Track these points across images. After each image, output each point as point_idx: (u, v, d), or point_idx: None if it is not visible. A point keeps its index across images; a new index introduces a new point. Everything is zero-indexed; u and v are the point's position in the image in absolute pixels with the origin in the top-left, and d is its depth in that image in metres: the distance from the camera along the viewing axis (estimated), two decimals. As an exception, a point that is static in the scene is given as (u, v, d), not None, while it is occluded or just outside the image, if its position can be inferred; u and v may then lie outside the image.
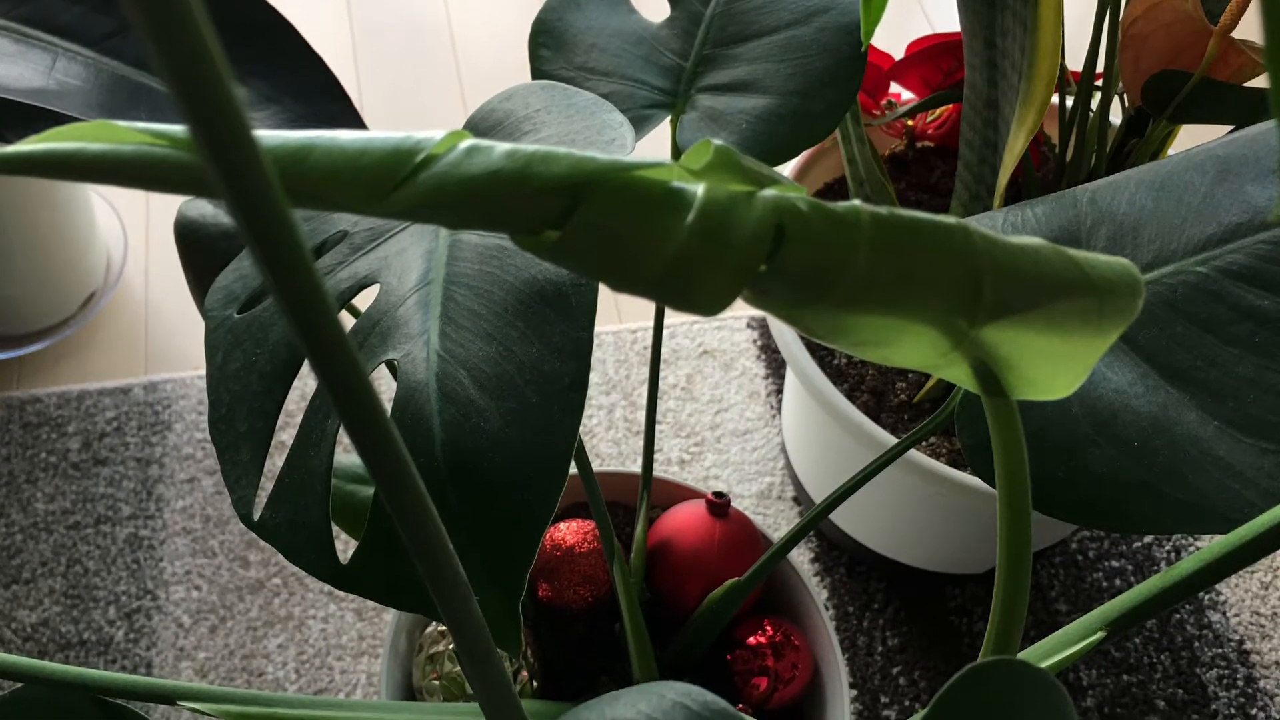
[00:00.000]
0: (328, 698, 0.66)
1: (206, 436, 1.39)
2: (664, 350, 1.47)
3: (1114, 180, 0.68)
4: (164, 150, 0.31)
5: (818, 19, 0.82)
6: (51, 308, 1.48)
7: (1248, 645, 1.25)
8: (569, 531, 0.91)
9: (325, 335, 0.29)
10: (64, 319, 1.49)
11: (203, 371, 1.45)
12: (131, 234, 1.59)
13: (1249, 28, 1.35)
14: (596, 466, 1.24)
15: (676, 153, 0.79)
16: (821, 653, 0.90)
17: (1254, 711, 1.21)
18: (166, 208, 1.63)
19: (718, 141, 0.32)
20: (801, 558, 1.30)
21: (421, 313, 0.58)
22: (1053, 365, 0.43)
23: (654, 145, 1.64)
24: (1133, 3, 0.97)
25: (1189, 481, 0.58)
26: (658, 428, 1.40)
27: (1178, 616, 1.28)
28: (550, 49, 0.83)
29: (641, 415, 1.42)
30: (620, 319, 1.53)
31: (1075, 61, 1.20)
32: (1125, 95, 1.05)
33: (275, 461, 1.32)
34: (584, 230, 0.31)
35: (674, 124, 0.80)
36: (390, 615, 0.98)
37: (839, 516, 1.25)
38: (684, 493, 0.98)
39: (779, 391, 1.43)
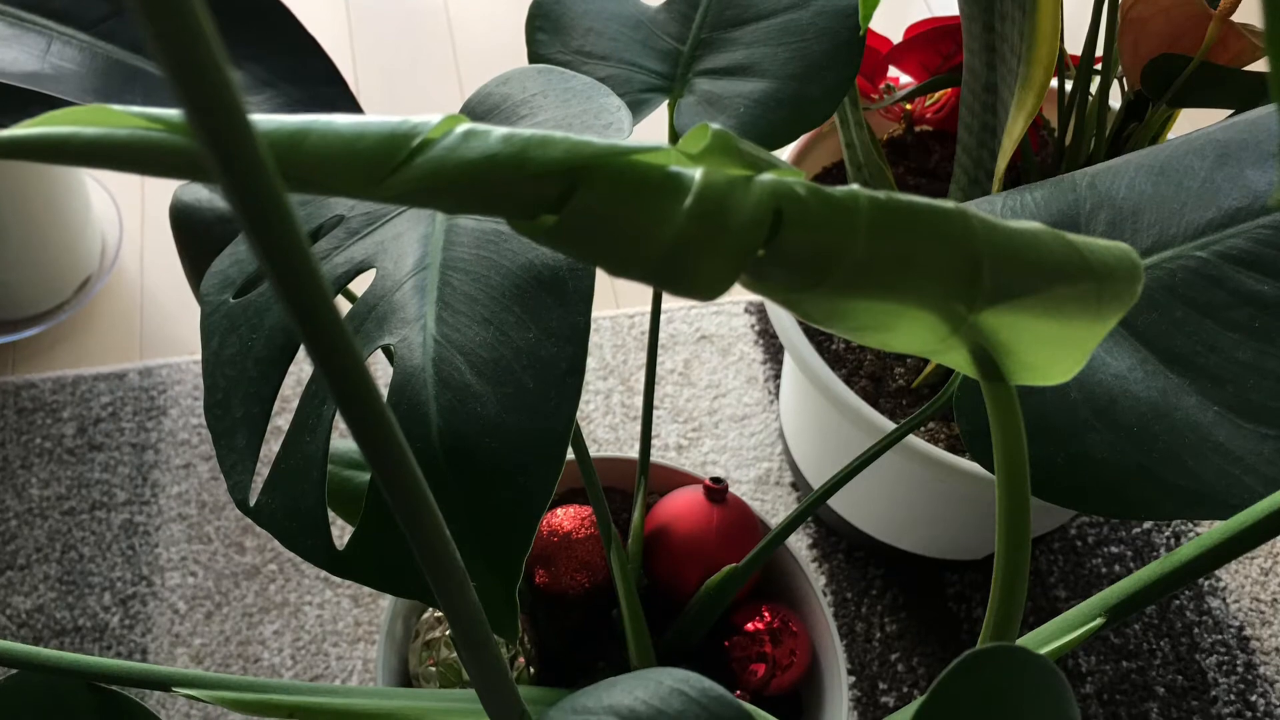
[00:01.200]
0: (324, 684, 0.66)
1: (202, 422, 1.39)
2: (661, 335, 1.47)
3: (1113, 164, 0.68)
4: (159, 134, 0.31)
5: (815, 2, 0.81)
6: (46, 293, 1.48)
7: (1247, 631, 1.25)
8: (566, 517, 0.91)
9: (321, 320, 0.28)
10: (59, 304, 1.49)
11: (198, 357, 1.45)
12: (126, 218, 1.59)
13: (1249, 11, 1.35)
14: (594, 452, 1.23)
15: (674, 137, 0.79)
16: (819, 639, 0.90)
17: (1254, 698, 1.21)
18: (162, 192, 1.62)
19: (715, 125, 0.31)
20: (799, 544, 1.30)
21: (418, 298, 0.58)
22: (1052, 350, 0.43)
23: (651, 129, 1.64)
24: (1132, -14, 0.96)
25: (1188, 467, 0.58)
26: (655, 413, 1.40)
27: (1177, 603, 1.28)
28: (547, 32, 0.83)
29: (639, 400, 1.42)
30: (617, 304, 1.53)
31: (1074, 45, 1.20)
32: (1124, 79, 1.04)
33: (271, 447, 1.32)
34: (581, 215, 0.31)
35: (671, 108, 0.80)
36: (386, 601, 0.98)
37: (837, 502, 1.25)
38: (681, 478, 0.97)
39: (777, 376, 1.43)
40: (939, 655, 1.23)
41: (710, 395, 1.42)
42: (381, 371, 1.36)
